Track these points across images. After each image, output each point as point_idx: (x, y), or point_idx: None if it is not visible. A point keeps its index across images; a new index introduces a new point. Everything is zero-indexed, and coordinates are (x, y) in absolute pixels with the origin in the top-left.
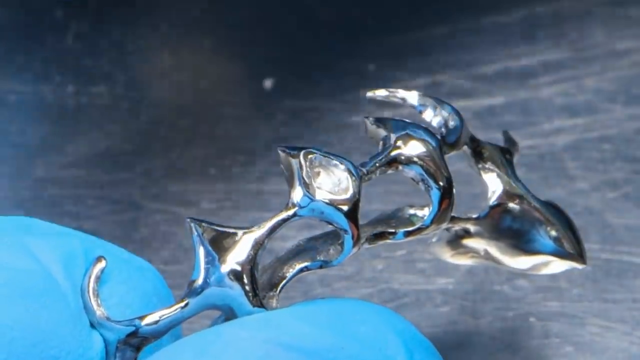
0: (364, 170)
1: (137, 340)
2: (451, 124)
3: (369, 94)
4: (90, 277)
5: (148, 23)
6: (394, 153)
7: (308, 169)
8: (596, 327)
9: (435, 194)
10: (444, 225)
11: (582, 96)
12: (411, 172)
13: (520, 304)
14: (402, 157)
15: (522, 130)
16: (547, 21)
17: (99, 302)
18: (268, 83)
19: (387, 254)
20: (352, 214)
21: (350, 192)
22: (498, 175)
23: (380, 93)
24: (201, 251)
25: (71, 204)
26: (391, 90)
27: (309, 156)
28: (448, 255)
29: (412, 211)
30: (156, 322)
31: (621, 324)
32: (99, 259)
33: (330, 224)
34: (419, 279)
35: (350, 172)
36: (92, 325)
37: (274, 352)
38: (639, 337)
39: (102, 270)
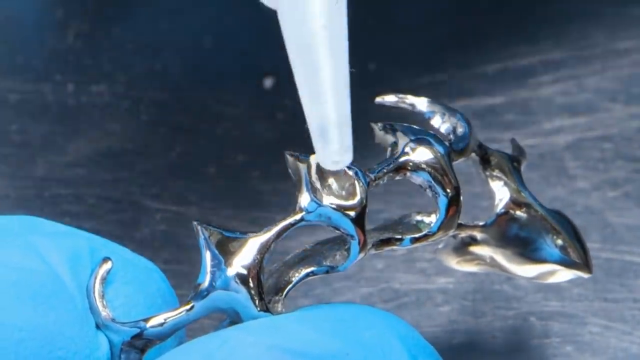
0: (372, 176)
1: (141, 342)
2: (459, 130)
3: (378, 99)
4: (96, 279)
5: (148, 22)
6: (402, 159)
7: (316, 174)
8: (596, 327)
9: (442, 201)
10: (451, 232)
11: (583, 95)
12: (419, 178)
13: (521, 304)
14: (411, 164)
15: (523, 129)
16: (547, 20)
17: (105, 303)
18: (268, 82)
19: (388, 253)
20: (359, 220)
21: (358, 197)
22: (505, 183)
23: (389, 99)
24: (207, 255)
25: (72, 203)
26: (400, 95)
27: (317, 162)
28: (454, 262)
29: (418, 217)
30: (161, 324)
31: (621, 324)
32: (105, 260)
33: (337, 229)
34: (419, 279)
35: (358, 177)
36: (98, 327)
37: (280, 358)
38: (639, 337)
39: (108, 272)
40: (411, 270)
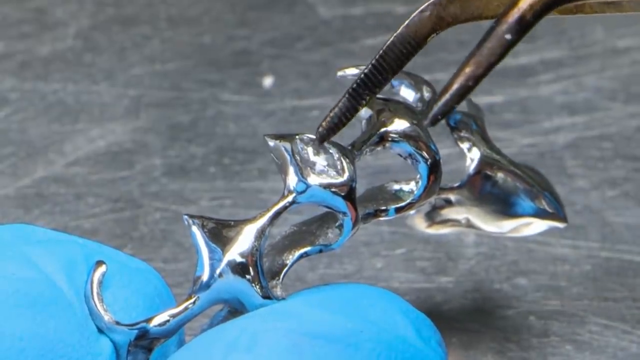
0: (355, 151)
1: (147, 341)
2: (427, 96)
3: (340, 73)
4: (92, 283)
5: (148, 21)
6: (381, 131)
7: (300, 153)
8: (596, 326)
9: (423, 168)
10: (433, 198)
11: (582, 94)
12: (399, 148)
13: (520, 303)
14: (390, 135)
15: (522, 128)
16: (546, 19)
17: (105, 306)
18: (268, 81)
19: (387, 252)
20: (350, 197)
21: (347, 174)
22: (474, 143)
23: (351, 71)
24: (203, 246)
25: (71, 202)
26: (361, 67)
27: (300, 141)
28: (424, 226)
29: (396, 186)
30: (166, 322)
31: (621, 323)
32: (98, 263)
33: (329, 208)
34: (418, 278)
35: (343, 154)
36: (100, 331)
37: (300, 341)
38: (638, 336)
39: (104, 275)
40: (411, 269)
